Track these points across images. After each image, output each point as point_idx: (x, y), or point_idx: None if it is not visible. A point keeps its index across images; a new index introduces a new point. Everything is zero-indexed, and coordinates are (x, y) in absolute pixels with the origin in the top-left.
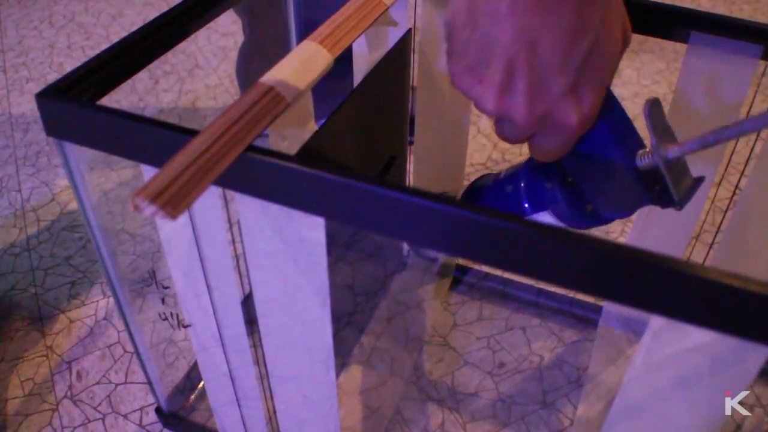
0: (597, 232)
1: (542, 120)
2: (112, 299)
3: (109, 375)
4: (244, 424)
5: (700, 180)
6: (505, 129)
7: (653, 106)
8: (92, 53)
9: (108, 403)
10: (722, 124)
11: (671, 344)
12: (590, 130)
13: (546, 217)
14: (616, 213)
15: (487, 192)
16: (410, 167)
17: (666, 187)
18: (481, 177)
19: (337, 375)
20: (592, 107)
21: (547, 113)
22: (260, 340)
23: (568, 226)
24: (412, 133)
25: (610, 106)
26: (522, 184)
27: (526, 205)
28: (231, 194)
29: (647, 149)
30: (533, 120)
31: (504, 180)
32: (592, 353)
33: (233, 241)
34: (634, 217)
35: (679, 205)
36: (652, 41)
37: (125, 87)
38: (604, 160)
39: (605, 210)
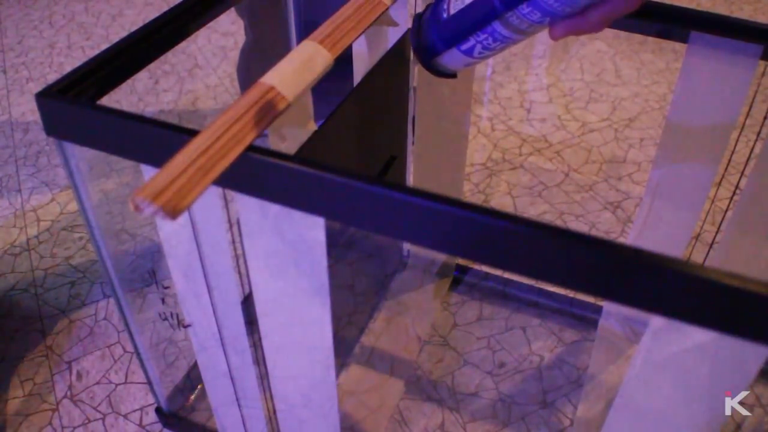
0: (597, 232)
1: None
2: (112, 299)
3: (109, 375)
4: (244, 424)
5: None
6: None
7: None
8: (92, 53)
9: (108, 403)
10: (722, 124)
11: (671, 344)
12: None
13: (525, 16)
14: None
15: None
16: (410, 167)
17: None
18: None
19: (337, 375)
20: None
21: None
22: (260, 340)
23: (557, 16)
24: (412, 133)
25: None
26: None
27: (496, 2)
28: (231, 194)
29: None
30: None
31: None
32: (592, 353)
33: (233, 241)
34: (633, 216)
35: None
36: (652, 41)
37: (125, 87)
38: None
39: None
